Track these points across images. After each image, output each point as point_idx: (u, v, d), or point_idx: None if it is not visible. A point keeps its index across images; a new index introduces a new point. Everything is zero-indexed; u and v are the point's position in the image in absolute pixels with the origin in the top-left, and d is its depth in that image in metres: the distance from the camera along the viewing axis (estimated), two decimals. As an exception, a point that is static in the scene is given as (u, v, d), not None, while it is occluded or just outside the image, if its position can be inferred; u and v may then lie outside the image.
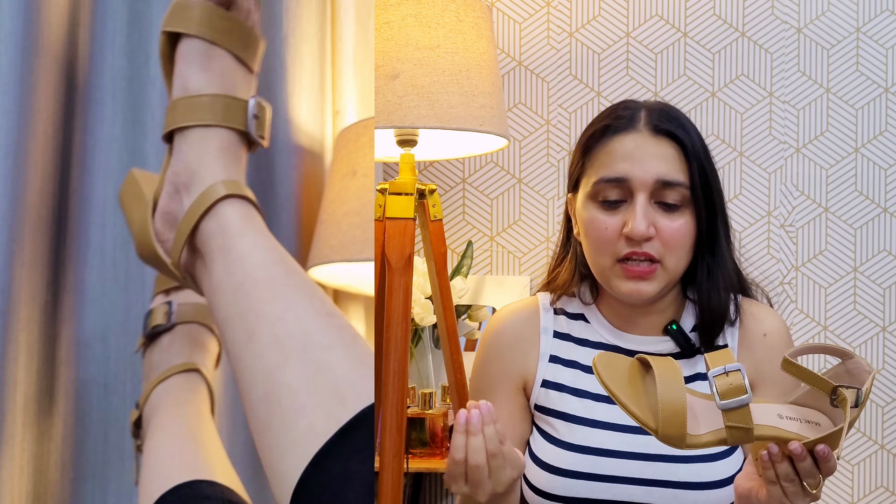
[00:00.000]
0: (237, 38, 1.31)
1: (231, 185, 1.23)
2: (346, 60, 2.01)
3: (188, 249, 1.26)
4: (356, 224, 1.78)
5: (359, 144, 1.82)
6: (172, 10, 1.30)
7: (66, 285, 1.62)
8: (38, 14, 1.57)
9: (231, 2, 1.31)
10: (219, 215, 1.22)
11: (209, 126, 1.27)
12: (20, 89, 1.52)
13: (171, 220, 1.30)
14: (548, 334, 1.42)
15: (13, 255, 1.50)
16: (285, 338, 1.05)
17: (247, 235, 1.19)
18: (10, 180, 1.50)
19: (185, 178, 1.27)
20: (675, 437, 1.10)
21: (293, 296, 1.11)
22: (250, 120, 1.30)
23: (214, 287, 1.19)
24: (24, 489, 1.53)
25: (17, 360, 1.51)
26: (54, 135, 1.62)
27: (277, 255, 1.18)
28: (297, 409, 0.98)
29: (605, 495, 1.32)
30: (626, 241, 1.32)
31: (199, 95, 1.28)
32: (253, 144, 1.33)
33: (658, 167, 1.32)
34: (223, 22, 1.30)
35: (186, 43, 1.30)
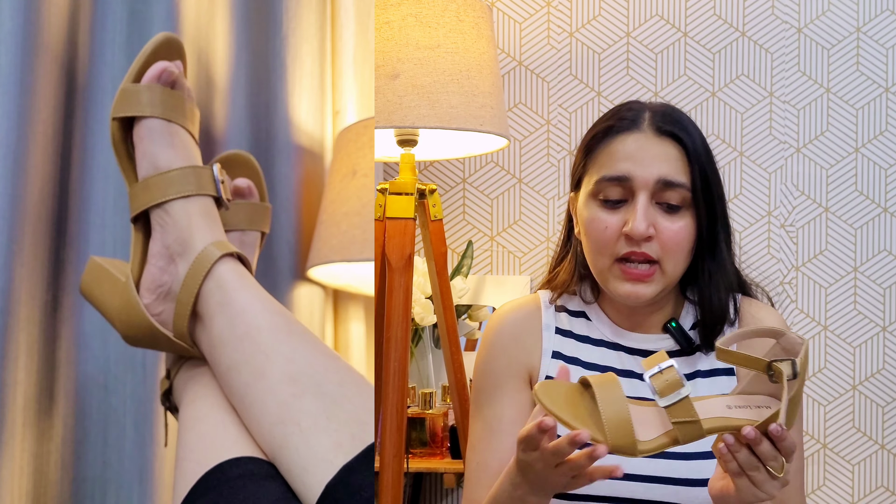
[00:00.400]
0: (186, 113, 1.41)
1: (222, 246, 1.32)
2: (346, 60, 2.01)
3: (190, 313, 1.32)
4: (356, 224, 1.78)
5: (359, 144, 1.82)
6: (121, 97, 1.38)
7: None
8: (38, 14, 1.57)
9: (174, 81, 1.40)
10: (215, 275, 1.30)
11: (189, 196, 1.36)
12: (20, 89, 1.52)
13: (164, 292, 1.36)
14: (550, 331, 1.42)
15: (13, 255, 1.50)
16: (297, 375, 1.15)
17: (243, 290, 1.28)
18: (10, 180, 1.50)
19: (177, 248, 1.35)
20: (625, 445, 1.11)
21: (298, 340, 1.20)
22: (218, 184, 1.40)
23: (216, 341, 1.26)
24: (24, 489, 1.53)
25: (17, 360, 1.51)
26: (54, 135, 1.62)
27: (276, 305, 1.27)
28: (321, 429, 1.09)
29: (605, 491, 1.33)
30: (625, 240, 1.32)
31: (170, 171, 1.36)
32: (220, 207, 1.43)
33: (660, 167, 1.32)
34: (174, 100, 1.39)
35: (145, 124, 1.38)
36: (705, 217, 1.34)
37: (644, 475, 1.32)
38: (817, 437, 2.21)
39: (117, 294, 1.37)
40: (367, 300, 1.98)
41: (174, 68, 1.40)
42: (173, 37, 1.42)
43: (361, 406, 1.11)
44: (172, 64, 1.40)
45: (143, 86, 1.38)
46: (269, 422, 1.13)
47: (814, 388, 2.21)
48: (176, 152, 1.38)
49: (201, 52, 1.81)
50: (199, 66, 1.81)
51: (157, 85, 1.38)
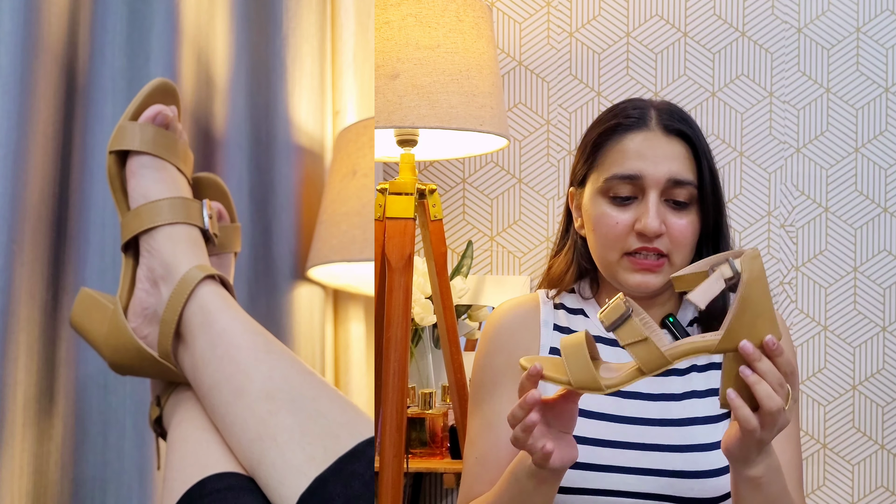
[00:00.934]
0: (178, 153, 1.48)
1: (204, 269, 1.37)
2: (346, 60, 2.01)
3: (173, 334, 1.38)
4: (356, 224, 1.78)
5: (359, 144, 1.82)
6: (119, 132, 1.45)
7: (66, 285, 1.62)
8: (38, 14, 1.57)
9: (168, 124, 1.47)
10: (198, 297, 1.35)
11: (174, 224, 1.42)
12: (20, 89, 1.52)
13: (150, 315, 1.41)
14: (548, 327, 1.44)
15: (13, 255, 1.50)
16: (275, 392, 1.20)
17: (225, 311, 1.33)
18: (10, 180, 1.50)
19: (161, 272, 1.40)
20: (586, 380, 1.14)
21: (277, 359, 1.25)
22: (206, 218, 1.46)
23: (198, 361, 1.31)
24: (24, 489, 1.53)
25: (17, 360, 1.51)
26: (54, 135, 1.62)
27: (255, 326, 1.32)
28: (296, 443, 1.14)
29: (600, 484, 1.33)
30: (637, 236, 1.35)
31: (159, 200, 1.43)
32: (209, 242, 1.49)
33: (670, 166, 1.35)
34: (166, 140, 1.46)
35: (137, 159, 1.45)
36: (711, 212, 1.37)
37: (639, 468, 1.33)
38: (817, 437, 2.21)
39: (106, 321, 1.42)
40: (367, 300, 1.98)
41: (168, 112, 1.47)
42: (169, 83, 1.50)
43: (335, 419, 1.16)
44: (167, 108, 1.47)
45: (138, 124, 1.45)
46: (248, 438, 1.18)
47: (814, 388, 2.21)
48: (166, 186, 1.45)
49: (201, 52, 1.81)
50: (199, 66, 1.80)
51: (151, 125, 1.45)
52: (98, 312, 1.44)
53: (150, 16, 1.72)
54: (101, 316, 1.43)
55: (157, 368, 1.40)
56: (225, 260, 1.59)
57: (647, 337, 1.13)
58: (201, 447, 1.27)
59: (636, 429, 1.35)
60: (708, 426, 1.35)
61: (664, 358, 1.13)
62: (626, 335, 1.13)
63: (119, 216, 1.45)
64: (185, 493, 1.18)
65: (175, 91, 1.51)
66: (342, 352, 1.95)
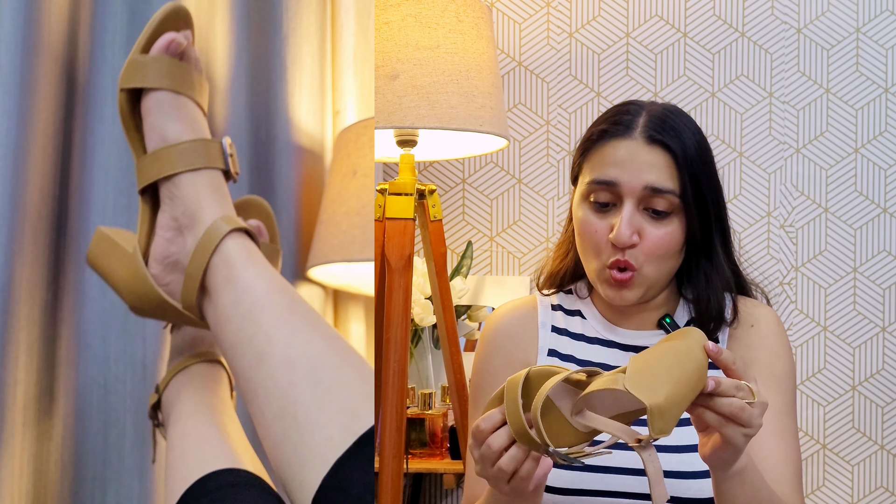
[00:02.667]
0: (194, 85, 1.40)
1: (230, 221, 1.31)
2: (346, 60, 2.01)
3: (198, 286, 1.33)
4: (356, 224, 1.78)
5: (359, 144, 1.82)
6: (129, 68, 1.37)
7: (66, 285, 1.62)
8: (38, 14, 1.57)
9: (183, 53, 1.39)
10: (223, 250, 1.29)
11: (197, 170, 1.36)
12: (20, 89, 1.52)
13: (172, 263, 1.36)
14: (546, 328, 1.44)
15: (13, 255, 1.50)
16: (295, 359, 1.14)
17: (250, 266, 1.27)
18: (10, 180, 1.50)
19: (185, 221, 1.35)
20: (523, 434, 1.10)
21: (299, 321, 1.19)
22: (227, 158, 1.39)
23: (221, 317, 1.27)
24: (24, 489, 1.53)
25: (17, 360, 1.51)
26: (54, 135, 1.62)
27: (280, 283, 1.26)
28: (313, 423, 1.08)
29: (599, 485, 1.33)
30: (611, 247, 1.34)
31: (179, 143, 1.36)
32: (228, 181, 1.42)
33: (648, 175, 1.33)
34: (182, 72, 1.38)
35: (153, 96, 1.37)
36: (697, 221, 1.35)
37: (636, 468, 1.33)
38: (817, 437, 2.21)
39: (125, 265, 1.37)
40: (367, 300, 1.98)
41: (182, 39, 1.38)
42: (181, 6, 1.41)
43: (356, 392, 1.10)
44: (181, 34, 1.38)
45: (150, 57, 1.36)
46: (271, 414, 1.13)
47: (813, 388, 2.21)
48: (184, 125, 1.37)
49: (201, 52, 1.81)
50: (199, 66, 1.81)
51: (164, 56, 1.36)
52: (116, 254, 1.39)
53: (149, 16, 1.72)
54: (119, 258, 1.39)
55: (180, 317, 1.36)
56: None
57: (546, 444, 1.09)
58: (202, 443, 1.26)
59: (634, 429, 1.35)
60: None
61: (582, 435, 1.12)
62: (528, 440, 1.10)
63: (134, 158, 1.39)
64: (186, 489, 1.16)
65: (188, 15, 1.42)
66: (342, 352, 1.95)
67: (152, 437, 1.51)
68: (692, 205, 1.34)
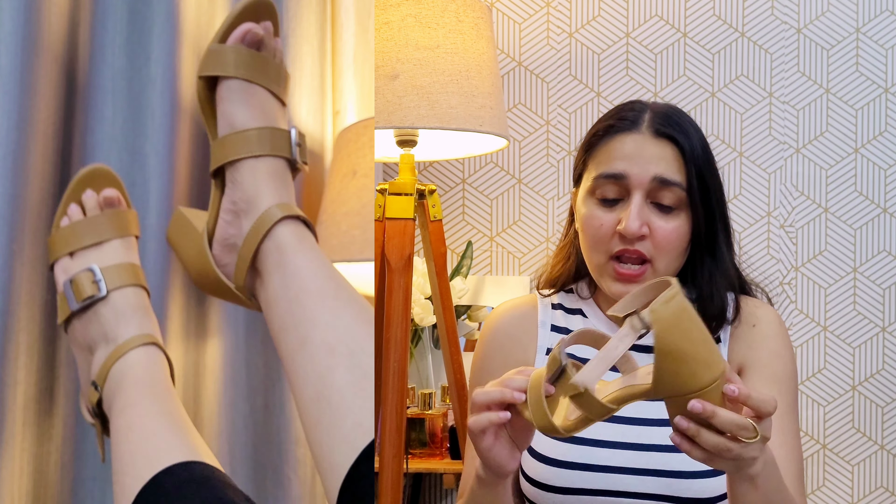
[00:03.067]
0: (269, 75, 1.45)
1: (285, 208, 1.36)
2: (346, 60, 2.01)
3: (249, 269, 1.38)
4: (356, 224, 1.78)
5: (359, 144, 1.82)
6: (207, 56, 1.43)
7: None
8: (38, 14, 1.56)
9: (260, 43, 1.44)
10: (275, 236, 1.34)
11: (259, 157, 1.41)
12: (20, 89, 1.52)
13: (230, 245, 1.41)
14: (545, 328, 1.44)
15: (13, 255, 1.50)
16: (335, 343, 1.19)
17: (300, 252, 1.32)
18: (10, 180, 1.50)
19: (243, 206, 1.40)
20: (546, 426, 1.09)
21: (343, 307, 1.24)
22: (294, 147, 1.43)
23: (271, 300, 1.31)
24: (24, 489, 1.53)
25: (17, 360, 1.51)
26: (54, 135, 1.62)
27: (329, 269, 1.30)
28: (346, 408, 1.12)
29: (599, 485, 1.33)
30: (619, 238, 1.34)
31: (245, 130, 1.41)
32: (296, 170, 1.46)
33: (656, 167, 1.34)
34: (256, 62, 1.43)
35: (226, 84, 1.43)
36: (702, 217, 1.35)
37: (637, 468, 1.33)
38: (817, 437, 2.21)
39: (193, 243, 1.43)
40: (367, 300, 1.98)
41: (259, 30, 1.43)
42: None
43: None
44: (259, 25, 1.43)
45: (226, 46, 1.41)
46: (308, 396, 1.16)
47: (813, 388, 2.21)
48: (252, 112, 1.42)
49: (201, 52, 1.81)
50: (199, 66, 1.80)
51: (240, 46, 1.42)
52: (188, 233, 1.45)
53: (150, 16, 1.72)
54: (190, 237, 1.45)
55: (233, 296, 1.41)
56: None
57: (585, 390, 1.06)
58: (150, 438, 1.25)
59: (634, 429, 1.35)
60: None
61: (605, 407, 1.07)
62: (566, 388, 1.08)
63: (210, 141, 1.44)
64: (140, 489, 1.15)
65: (269, 5, 1.46)
66: (342, 352, 1.95)
67: (99, 433, 1.49)
68: (698, 199, 1.35)
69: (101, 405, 1.41)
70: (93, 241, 1.50)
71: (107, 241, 1.50)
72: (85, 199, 1.52)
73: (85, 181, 1.53)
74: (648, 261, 1.34)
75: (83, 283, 1.47)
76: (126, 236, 1.52)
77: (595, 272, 1.38)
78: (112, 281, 1.47)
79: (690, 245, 1.37)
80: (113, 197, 1.54)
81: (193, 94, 1.79)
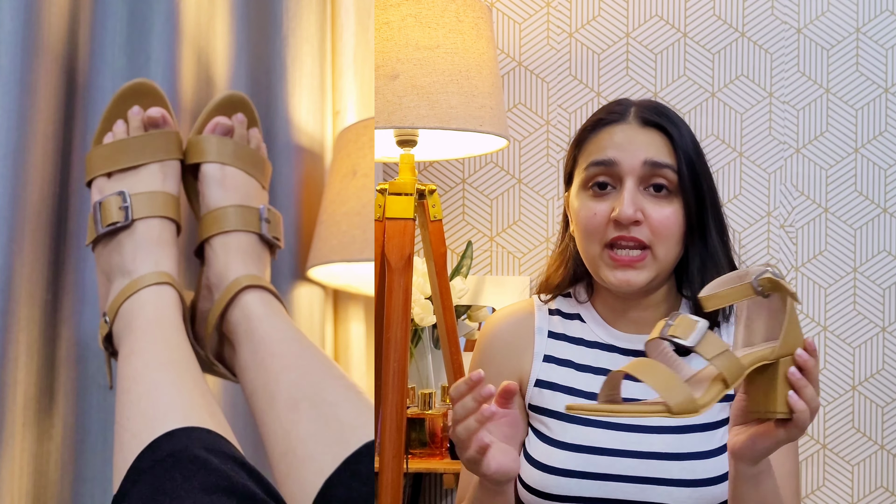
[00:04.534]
0: (244, 159, 1.55)
1: (250, 278, 1.43)
2: (346, 60, 2.01)
3: (219, 337, 1.45)
4: (356, 224, 1.78)
5: (359, 144, 1.82)
6: (188, 147, 1.54)
7: (66, 285, 1.62)
8: (38, 14, 1.57)
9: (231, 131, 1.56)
10: (242, 305, 1.41)
11: (228, 232, 1.48)
12: (20, 89, 1.52)
13: (204, 317, 1.49)
14: (542, 334, 1.44)
15: (13, 255, 1.50)
16: (299, 399, 1.25)
17: (266, 319, 1.38)
18: (10, 180, 1.50)
19: (214, 280, 1.47)
20: (686, 401, 1.10)
21: (306, 364, 1.30)
22: (262, 223, 1.51)
23: (242, 366, 1.37)
24: (24, 489, 1.53)
25: (17, 360, 1.51)
26: (54, 135, 1.62)
27: (293, 333, 1.36)
28: (309, 456, 1.18)
29: (598, 493, 1.33)
30: (614, 225, 1.34)
31: (217, 209, 1.50)
32: (273, 248, 1.55)
33: (646, 151, 1.35)
34: (228, 146, 1.54)
35: (203, 169, 1.53)
36: (693, 203, 1.35)
37: (636, 476, 1.33)
38: (817, 437, 2.21)
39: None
40: (367, 300, 1.98)
41: (227, 121, 1.56)
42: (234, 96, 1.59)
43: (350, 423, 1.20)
44: (231, 118, 1.56)
45: (201, 136, 1.54)
46: (278, 452, 1.22)
47: (813, 388, 2.21)
48: (226, 193, 1.51)
49: (201, 52, 1.81)
50: (199, 66, 1.81)
51: (211, 136, 1.54)
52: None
53: (150, 16, 1.72)
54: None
55: (210, 368, 1.48)
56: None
57: (728, 348, 1.12)
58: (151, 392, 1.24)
59: (633, 437, 1.35)
60: (705, 434, 1.35)
61: (743, 367, 1.13)
62: (709, 347, 1.12)
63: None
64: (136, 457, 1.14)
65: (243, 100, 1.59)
66: (342, 352, 1.95)
67: (107, 363, 1.49)
68: (688, 184, 1.35)
69: (111, 340, 1.41)
70: (130, 164, 1.50)
71: (144, 165, 1.50)
72: (131, 115, 1.53)
73: (130, 96, 1.54)
74: (647, 247, 1.34)
75: (111, 208, 1.45)
76: (167, 160, 1.53)
77: (591, 264, 1.38)
78: (139, 209, 1.46)
79: (684, 237, 1.37)
80: (157, 117, 1.53)
81: (193, 94, 1.79)
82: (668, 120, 1.37)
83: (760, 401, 1.17)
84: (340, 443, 1.17)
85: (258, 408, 1.30)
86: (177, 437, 1.14)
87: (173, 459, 1.11)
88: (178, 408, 1.20)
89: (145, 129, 1.52)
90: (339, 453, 1.16)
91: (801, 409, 1.14)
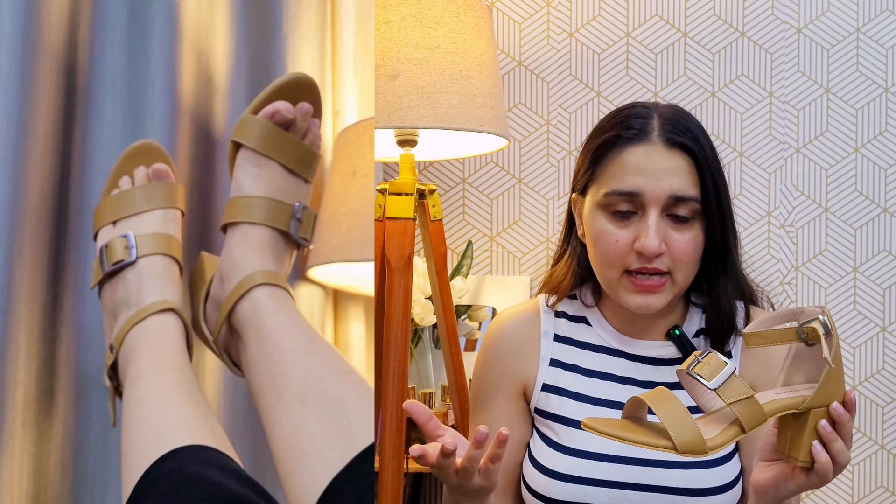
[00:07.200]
0: (288, 152, 1.52)
1: (266, 275, 1.42)
2: (346, 60, 2.01)
3: (228, 329, 1.44)
4: (356, 224, 1.78)
5: (359, 144, 1.82)
6: (239, 123, 1.53)
7: (66, 285, 1.62)
8: (38, 14, 1.56)
9: (289, 123, 1.52)
10: (253, 299, 1.40)
11: (253, 224, 1.48)
12: (20, 89, 1.52)
13: (216, 303, 1.48)
14: (548, 338, 1.42)
15: (13, 255, 1.50)
16: (308, 395, 1.24)
17: (276, 314, 1.38)
18: (10, 180, 1.50)
19: (227, 269, 1.46)
20: (693, 441, 1.09)
21: (315, 360, 1.29)
22: (293, 221, 1.51)
23: (249, 360, 1.37)
24: (24, 489, 1.53)
25: (17, 360, 1.51)
26: (54, 135, 1.62)
27: (303, 328, 1.36)
28: (317, 452, 1.18)
29: (603, 500, 1.32)
30: (636, 255, 1.31)
31: (248, 196, 1.49)
32: (300, 246, 1.54)
33: (671, 183, 1.30)
34: (276, 138, 1.51)
35: (242, 152, 1.53)
36: (718, 226, 1.32)
37: (642, 484, 1.32)
38: (817, 437, 2.21)
39: (199, 293, 1.52)
40: (367, 300, 1.98)
41: (288, 113, 1.52)
42: (306, 79, 1.54)
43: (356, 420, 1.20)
44: (294, 108, 1.52)
45: (253, 118, 1.52)
46: (283, 446, 1.22)
47: (813, 388, 2.21)
48: (258, 183, 1.51)
49: (201, 52, 1.81)
50: (198, 66, 1.80)
51: (264, 120, 1.51)
52: (199, 283, 1.54)
53: (150, 16, 1.72)
54: (199, 287, 1.53)
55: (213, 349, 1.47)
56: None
57: (752, 395, 1.10)
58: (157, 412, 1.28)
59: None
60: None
61: (764, 415, 1.11)
62: (732, 392, 1.10)
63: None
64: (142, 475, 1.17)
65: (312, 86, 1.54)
66: (342, 352, 1.95)
67: (111, 398, 1.51)
68: (714, 209, 1.31)
69: (116, 369, 1.43)
70: (135, 211, 1.54)
71: (148, 212, 1.54)
72: (136, 172, 1.57)
73: (135, 156, 1.57)
74: (667, 272, 1.32)
75: (116, 248, 1.50)
76: (169, 208, 1.56)
77: (608, 286, 1.35)
78: (144, 248, 1.51)
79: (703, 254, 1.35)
80: (162, 170, 1.58)
81: (193, 94, 1.79)
82: (693, 137, 1.32)
83: (786, 443, 1.15)
84: (348, 440, 1.17)
85: (264, 402, 1.29)
86: (181, 454, 1.19)
87: (179, 475, 1.15)
88: (182, 427, 1.25)
89: (150, 181, 1.57)
90: (346, 450, 1.15)
91: (822, 462, 1.13)
